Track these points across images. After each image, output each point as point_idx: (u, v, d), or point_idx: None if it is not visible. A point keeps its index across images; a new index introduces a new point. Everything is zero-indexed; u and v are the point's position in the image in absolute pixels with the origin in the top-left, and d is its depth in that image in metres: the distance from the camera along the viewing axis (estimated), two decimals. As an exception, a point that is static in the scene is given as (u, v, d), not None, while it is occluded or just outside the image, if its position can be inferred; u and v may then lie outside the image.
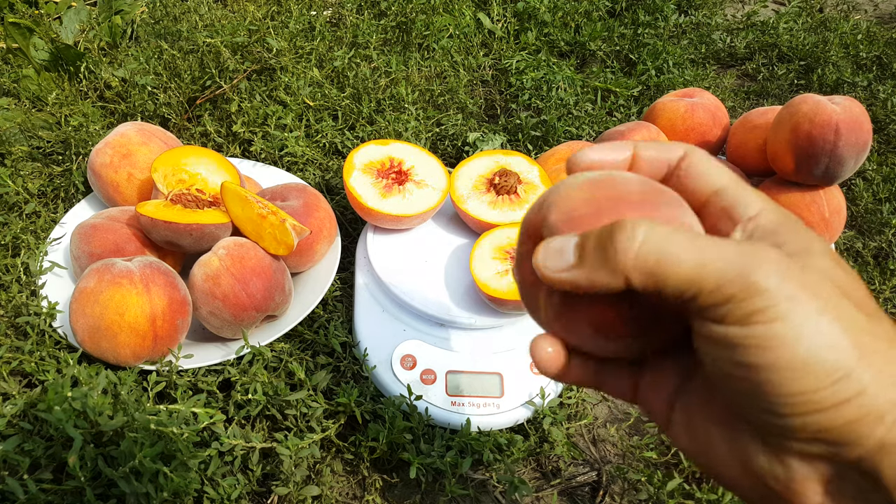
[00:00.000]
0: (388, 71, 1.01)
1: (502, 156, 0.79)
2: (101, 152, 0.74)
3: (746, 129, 0.83)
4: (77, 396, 0.52)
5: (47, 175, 0.85)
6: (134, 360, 0.62)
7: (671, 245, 0.22)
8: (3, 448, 0.51)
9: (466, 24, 1.15)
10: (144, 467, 0.51)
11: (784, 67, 1.16)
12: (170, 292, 0.62)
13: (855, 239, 0.86)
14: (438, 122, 0.98)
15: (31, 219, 0.79)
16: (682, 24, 1.26)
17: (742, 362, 0.22)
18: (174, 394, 0.61)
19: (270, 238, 0.67)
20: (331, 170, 0.90)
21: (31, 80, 0.96)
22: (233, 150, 0.92)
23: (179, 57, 0.99)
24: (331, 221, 0.75)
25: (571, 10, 1.21)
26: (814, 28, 1.27)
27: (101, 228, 0.67)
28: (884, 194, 0.90)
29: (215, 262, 0.64)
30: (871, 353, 0.21)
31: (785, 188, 0.77)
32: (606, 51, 1.16)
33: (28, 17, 1.03)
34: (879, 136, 1.02)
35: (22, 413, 0.57)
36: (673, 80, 1.07)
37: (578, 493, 0.63)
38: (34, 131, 0.88)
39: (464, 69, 1.08)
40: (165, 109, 0.94)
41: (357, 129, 0.94)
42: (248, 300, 0.64)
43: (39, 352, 0.63)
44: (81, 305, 0.60)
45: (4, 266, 0.72)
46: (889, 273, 0.78)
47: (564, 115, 0.99)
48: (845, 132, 0.70)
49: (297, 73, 0.98)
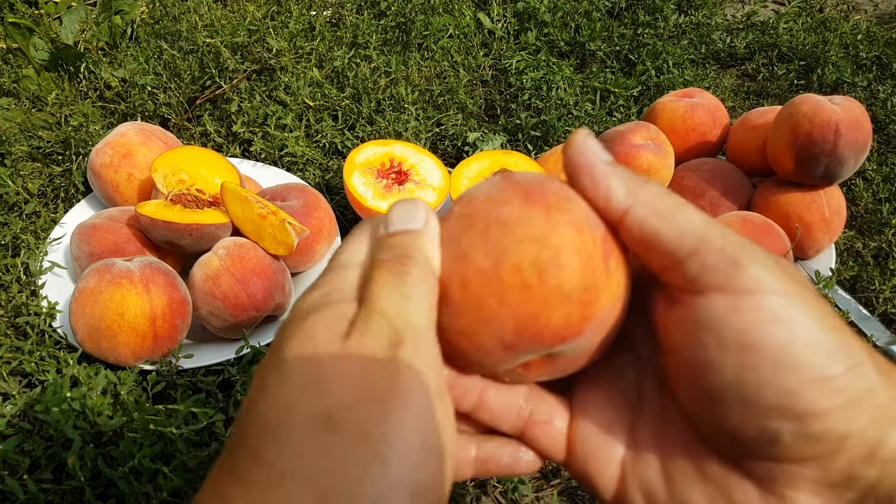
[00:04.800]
0: (387, 71, 1.01)
1: (502, 156, 0.79)
2: (101, 152, 0.74)
3: (746, 129, 0.83)
4: (76, 397, 0.52)
5: (47, 175, 0.85)
6: (134, 360, 0.62)
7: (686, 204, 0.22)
8: (3, 448, 0.51)
9: (466, 24, 1.15)
10: (144, 467, 0.51)
11: (784, 67, 1.16)
12: (170, 292, 0.62)
13: (855, 239, 0.86)
14: (438, 122, 0.98)
15: (31, 219, 0.79)
16: (682, 24, 1.26)
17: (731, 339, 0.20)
18: (174, 394, 0.61)
19: (270, 238, 0.67)
20: (331, 170, 0.90)
21: (31, 80, 0.96)
22: (233, 150, 0.92)
23: (179, 57, 0.99)
24: (331, 221, 0.75)
25: (571, 10, 1.21)
26: (814, 28, 1.27)
27: (101, 228, 0.67)
28: (884, 194, 0.90)
29: (215, 262, 0.64)
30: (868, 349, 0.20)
31: (785, 188, 0.77)
32: (606, 51, 1.16)
33: (28, 17, 1.03)
34: (879, 136, 1.02)
35: (22, 413, 0.57)
36: (673, 81, 1.07)
37: (578, 493, 0.63)
38: (34, 131, 0.88)
39: (464, 69, 1.08)
40: (165, 109, 0.94)
41: (357, 129, 0.94)
42: (248, 300, 0.64)
43: (39, 352, 0.63)
44: (81, 305, 0.60)
45: (4, 266, 0.72)
46: (889, 273, 0.78)
47: (564, 115, 0.99)
48: (845, 132, 0.70)
49: (297, 73, 0.98)
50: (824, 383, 0.19)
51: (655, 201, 0.22)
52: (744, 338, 0.20)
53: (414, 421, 0.19)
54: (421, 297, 0.21)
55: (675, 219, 0.22)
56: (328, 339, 0.20)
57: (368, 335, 0.20)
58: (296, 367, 0.20)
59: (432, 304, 0.22)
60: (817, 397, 0.19)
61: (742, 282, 0.20)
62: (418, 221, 0.23)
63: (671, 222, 0.22)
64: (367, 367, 0.19)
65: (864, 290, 0.79)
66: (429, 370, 0.20)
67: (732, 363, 0.20)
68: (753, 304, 0.20)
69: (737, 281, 0.20)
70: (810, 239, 0.76)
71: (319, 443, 0.18)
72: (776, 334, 0.19)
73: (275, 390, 0.20)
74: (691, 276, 0.21)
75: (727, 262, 0.20)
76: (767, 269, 0.20)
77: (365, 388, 0.19)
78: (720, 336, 0.20)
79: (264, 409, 0.19)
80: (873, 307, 0.76)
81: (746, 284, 0.20)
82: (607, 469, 0.24)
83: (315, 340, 0.20)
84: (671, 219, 0.22)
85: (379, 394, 0.19)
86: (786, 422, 0.19)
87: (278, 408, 0.19)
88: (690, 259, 0.21)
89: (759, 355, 0.20)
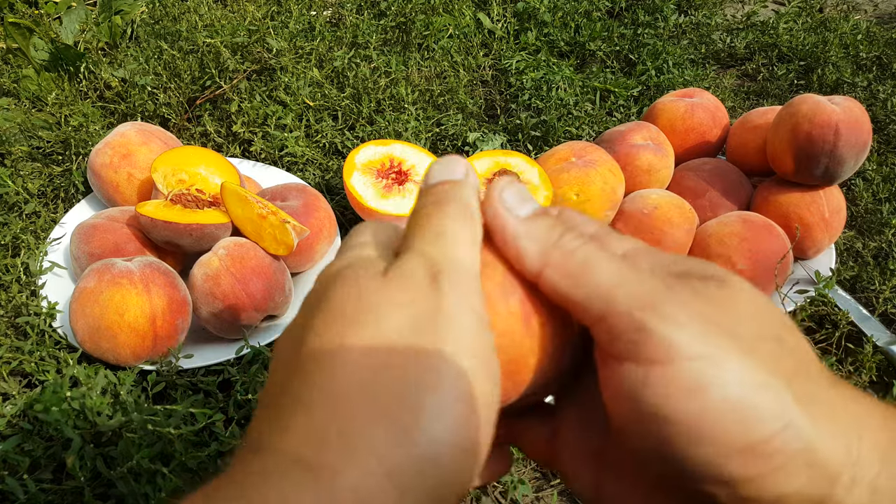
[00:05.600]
0: (387, 71, 1.01)
1: (502, 156, 0.79)
2: (101, 152, 0.74)
3: (746, 129, 0.83)
4: (76, 397, 0.52)
5: (47, 175, 0.85)
6: (134, 360, 0.62)
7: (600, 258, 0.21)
8: (3, 448, 0.51)
9: (466, 24, 1.15)
10: (143, 468, 0.51)
11: (784, 67, 1.16)
12: (170, 292, 0.62)
13: (855, 239, 0.86)
14: (438, 122, 0.98)
15: (31, 219, 0.79)
16: (682, 25, 1.26)
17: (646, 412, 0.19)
18: (174, 394, 0.61)
19: (270, 238, 0.67)
20: (331, 170, 0.90)
21: (31, 80, 0.96)
22: (233, 150, 0.92)
23: (179, 57, 0.99)
24: (331, 221, 0.75)
25: (571, 10, 1.21)
26: (814, 28, 1.27)
27: (101, 228, 0.67)
28: (884, 194, 0.90)
29: (215, 262, 0.64)
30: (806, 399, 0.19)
31: (785, 188, 0.77)
32: (606, 51, 1.16)
33: (28, 17, 1.03)
34: (879, 136, 1.02)
35: (22, 413, 0.57)
36: (673, 81, 1.07)
37: (578, 493, 0.63)
38: (34, 131, 0.88)
39: (464, 69, 1.08)
40: (165, 109, 0.94)
41: (357, 129, 0.94)
42: (248, 300, 0.64)
43: (39, 352, 0.63)
44: (81, 305, 0.60)
45: (4, 266, 0.72)
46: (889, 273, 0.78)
47: (564, 115, 0.99)
48: (845, 132, 0.70)
49: (297, 73, 0.98)
50: (748, 451, 0.18)
51: (567, 262, 0.21)
52: (658, 411, 0.19)
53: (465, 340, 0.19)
54: (456, 233, 0.21)
55: (585, 280, 0.21)
56: (371, 277, 0.20)
57: (405, 268, 0.20)
58: (344, 301, 0.20)
59: (474, 241, 0.22)
60: (743, 466, 0.18)
61: (649, 352, 0.19)
62: (459, 173, 0.23)
63: (581, 285, 0.21)
64: (411, 295, 0.19)
65: (864, 290, 0.79)
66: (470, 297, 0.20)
67: (652, 434, 0.19)
68: (663, 377, 0.19)
69: (644, 351, 0.19)
70: (810, 239, 0.76)
71: (377, 364, 0.18)
72: (688, 407, 0.18)
73: (324, 327, 0.20)
74: (605, 343, 0.20)
75: (633, 328, 0.19)
76: (679, 329, 0.19)
77: (413, 311, 0.19)
78: (636, 407, 0.19)
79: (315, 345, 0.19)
80: (873, 307, 0.76)
81: (653, 354, 0.19)
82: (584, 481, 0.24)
83: (358, 280, 0.20)
84: (581, 280, 0.21)
85: (428, 317, 0.19)
86: (716, 487, 0.19)
87: (329, 340, 0.19)
88: (599, 325, 0.20)
89: (675, 429, 0.18)
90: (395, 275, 0.20)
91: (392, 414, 0.18)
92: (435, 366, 0.18)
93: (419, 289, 0.20)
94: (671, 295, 0.20)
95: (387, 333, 0.19)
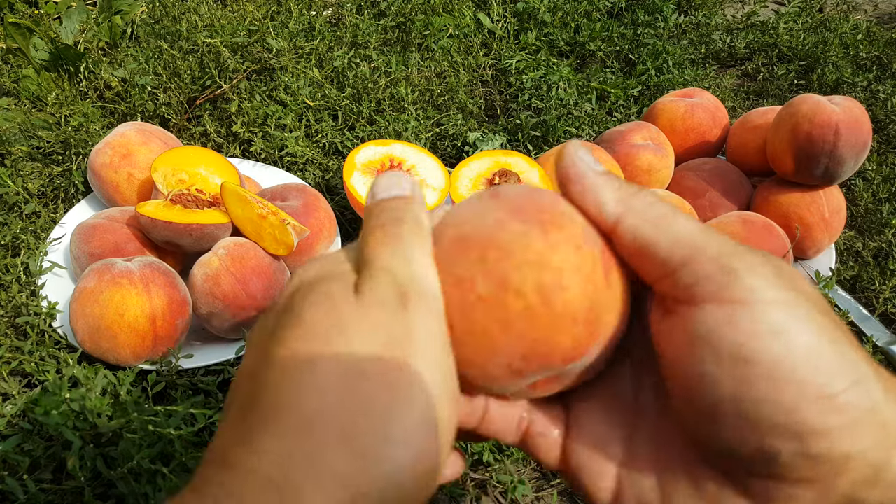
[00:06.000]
0: (387, 71, 1.01)
1: (502, 156, 0.79)
2: (101, 152, 0.74)
3: (746, 129, 0.83)
4: (76, 397, 0.52)
5: (47, 175, 0.85)
6: (134, 360, 0.62)
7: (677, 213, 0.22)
8: (3, 448, 0.51)
9: (466, 24, 1.15)
10: (143, 468, 0.51)
11: (784, 67, 1.16)
12: (170, 292, 0.62)
13: (855, 239, 0.86)
14: (438, 122, 0.98)
15: (31, 219, 0.79)
16: (682, 24, 1.26)
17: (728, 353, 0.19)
18: (174, 394, 0.61)
19: (270, 238, 0.67)
20: (331, 170, 0.90)
21: (31, 80, 0.96)
22: (233, 150, 0.92)
23: (179, 57, 0.99)
24: (331, 221, 0.75)
25: (571, 10, 1.21)
26: (814, 28, 1.27)
27: (101, 228, 0.67)
28: (884, 194, 0.90)
29: (215, 262, 0.64)
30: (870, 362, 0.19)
31: (785, 188, 0.77)
32: (606, 51, 1.16)
33: (28, 17, 1.03)
34: (879, 136, 1.02)
35: (22, 413, 0.57)
36: (673, 81, 1.07)
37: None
38: (34, 131, 0.88)
39: (464, 69, 1.08)
40: (165, 109, 0.94)
41: (357, 129, 0.94)
42: (248, 300, 0.64)
43: (39, 352, 0.63)
44: (81, 305, 0.60)
45: (4, 266, 0.72)
46: (889, 273, 0.78)
47: (564, 115, 0.99)
48: (845, 132, 0.70)
49: (297, 73, 0.98)
50: (825, 401, 0.18)
51: (647, 210, 0.22)
52: (739, 351, 0.19)
53: (432, 365, 0.20)
54: (414, 250, 0.22)
55: (668, 227, 0.21)
56: (343, 296, 0.21)
57: (378, 290, 0.21)
58: (316, 319, 0.20)
59: (428, 253, 0.23)
60: (818, 415, 0.18)
61: (737, 292, 0.19)
62: (406, 189, 0.24)
63: (664, 230, 0.21)
64: (383, 319, 0.20)
65: (864, 290, 0.79)
66: (436, 322, 0.21)
67: (728, 377, 0.19)
68: (749, 316, 0.19)
69: (731, 291, 0.19)
70: (810, 239, 0.76)
71: (346, 387, 0.19)
72: (773, 348, 0.19)
73: (296, 343, 0.20)
74: (685, 286, 0.20)
75: (721, 271, 0.20)
76: (765, 278, 0.20)
77: (384, 336, 0.20)
78: (715, 349, 0.19)
79: (286, 360, 0.20)
80: (873, 307, 0.76)
81: (741, 295, 0.19)
82: (602, 481, 0.24)
83: (332, 298, 0.21)
84: (664, 227, 0.21)
85: (397, 342, 0.20)
86: (785, 440, 0.19)
87: (300, 358, 0.20)
88: (684, 268, 0.20)
89: (756, 370, 0.19)
90: (366, 296, 0.21)
91: (359, 438, 0.18)
92: (404, 392, 0.19)
93: (390, 312, 0.20)
94: (748, 250, 0.20)
95: (357, 357, 0.19)
